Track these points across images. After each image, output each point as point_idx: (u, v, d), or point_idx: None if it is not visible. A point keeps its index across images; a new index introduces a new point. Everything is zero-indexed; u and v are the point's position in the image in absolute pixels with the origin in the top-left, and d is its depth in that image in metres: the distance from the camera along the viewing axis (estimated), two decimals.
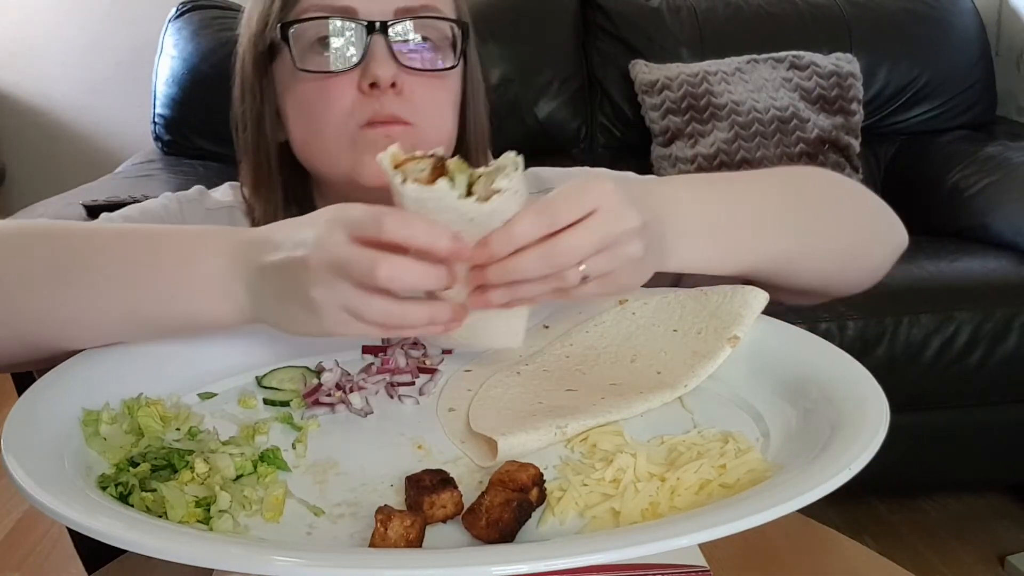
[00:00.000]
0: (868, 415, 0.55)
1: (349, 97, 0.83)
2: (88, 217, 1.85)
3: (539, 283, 0.59)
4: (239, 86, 0.91)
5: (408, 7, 0.84)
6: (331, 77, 0.83)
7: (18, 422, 0.57)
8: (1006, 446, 1.99)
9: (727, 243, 0.70)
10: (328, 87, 0.83)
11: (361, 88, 0.82)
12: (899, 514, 2.13)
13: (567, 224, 0.57)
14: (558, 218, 0.57)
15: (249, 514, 0.53)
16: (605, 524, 0.51)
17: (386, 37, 0.82)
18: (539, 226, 0.57)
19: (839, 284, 0.82)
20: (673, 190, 0.69)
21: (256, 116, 0.89)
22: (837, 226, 0.80)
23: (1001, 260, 2.00)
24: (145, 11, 2.95)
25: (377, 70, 0.81)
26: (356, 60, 0.82)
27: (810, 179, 0.82)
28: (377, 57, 0.82)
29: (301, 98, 0.85)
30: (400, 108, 0.83)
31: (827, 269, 0.80)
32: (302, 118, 0.86)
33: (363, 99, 0.82)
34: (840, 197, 0.82)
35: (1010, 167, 2.21)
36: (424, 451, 0.60)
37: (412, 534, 0.48)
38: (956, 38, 2.52)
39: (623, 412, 0.62)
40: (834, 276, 0.81)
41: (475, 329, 0.62)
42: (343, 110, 0.83)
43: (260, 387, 0.70)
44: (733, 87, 2.35)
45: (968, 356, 1.84)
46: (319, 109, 0.84)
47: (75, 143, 3.12)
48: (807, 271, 0.78)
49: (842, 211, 0.81)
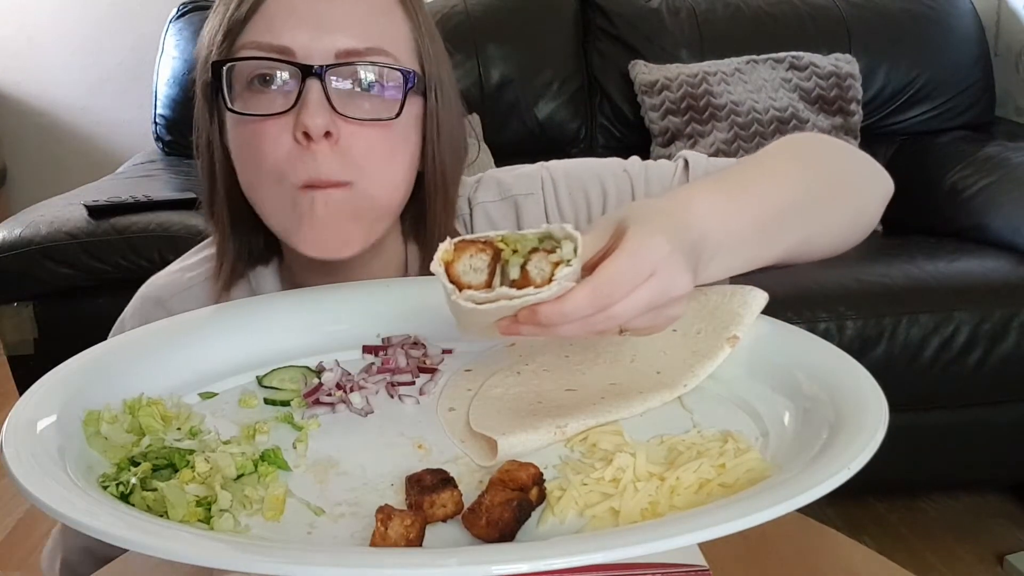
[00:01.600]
0: (867, 415, 0.55)
1: (284, 146, 0.77)
2: (89, 217, 1.85)
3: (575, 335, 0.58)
4: (196, 112, 0.87)
5: (352, 49, 0.77)
6: (264, 120, 0.77)
7: (18, 422, 0.57)
8: (1005, 446, 1.99)
9: (753, 253, 0.71)
10: (262, 131, 0.78)
11: (295, 137, 0.76)
12: (898, 513, 2.13)
13: (622, 298, 0.56)
14: (616, 294, 0.56)
15: (250, 513, 0.53)
16: (605, 523, 0.51)
17: (323, 82, 0.76)
18: (594, 306, 0.55)
19: (844, 245, 0.83)
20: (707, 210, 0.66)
21: (207, 142, 0.85)
22: (845, 195, 0.81)
23: (1000, 260, 2.00)
24: (146, 12, 2.95)
25: (307, 119, 0.75)
26: (289, 105, 0.76)
27: (813, 150, 0.82)
28: (310, 105, 0.75)
29: (238, 139, 0.81)
30: (337, 167, 0.77)
31: (838, 238, 0.81)
32: (240, 160, 0.82)
33: (299, 151, 0.77)
34: (841, 163, 0.83)
35: (1009, 167, 2.21)
36: (424, 451, 0.60)
37: (412, 533, 0.48)
38: (955, 39, 2.52)
39: (623, 412, 0.62)
40: (843, 240, 0.82)
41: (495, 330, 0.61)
42: (279, 160, 0.77)
43: (261, 387, 0.70)
44: (732, 88, 2.36)
45: (967, 356, 1.85)
46: (255, 154, 0.79)
47: (76, 143, 3.13)
48: (820, 246, 0.79)
49: (846, 178, 0.82)
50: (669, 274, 0.58)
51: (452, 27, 2.39)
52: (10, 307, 1.84)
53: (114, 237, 1.82)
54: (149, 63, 2.51)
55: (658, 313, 0.59)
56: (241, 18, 0.79)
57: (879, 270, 1.97)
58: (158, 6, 2.78)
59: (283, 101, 0.77)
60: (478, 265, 0.56)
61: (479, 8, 2.46)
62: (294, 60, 0.77)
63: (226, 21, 0.79)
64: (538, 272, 0.55)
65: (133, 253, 1.81)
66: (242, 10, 0.79)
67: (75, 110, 3.11)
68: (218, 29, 0.80)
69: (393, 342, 0.75)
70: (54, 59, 3.07)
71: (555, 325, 0.55)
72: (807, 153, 0.81)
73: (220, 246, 0.89)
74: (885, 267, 1.99)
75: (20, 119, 3.10)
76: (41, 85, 3.09)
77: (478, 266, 0.56)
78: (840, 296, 1.86)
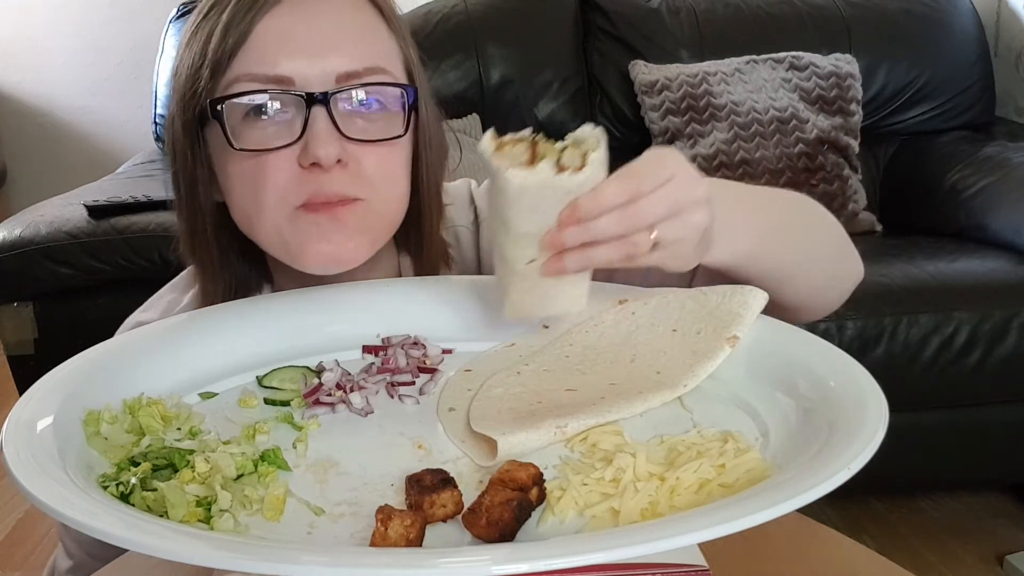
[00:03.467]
0: (867, 415, 0.55)
1: (288, 172, 0.75)
2: (89, 217, 1.85)
3: (613, 247, 0.62)
4: (171, 145, 0.83)
5: (351, 71, 0.76)
6: (268, 154, 0.75)
7: (18, 422, 0.57)
8: (1005, 446, 1.99)
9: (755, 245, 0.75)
10: (265, 164, 0.76)
11: (301, 164, 0.75)
12: (898, 513, 2.13)
13: (649, 191, 0.61)
14: (643, 185, 0.61)
15: (250, 513, 0.53)
16: (605, 523, 0.51)
17: (327, 109, 0.75)
18: (625, 192, 0.61)
19: (816, 304, 0.85)
20: (719, 187, 0.70)
21: (189, 179, 0.82)
22: (827, 250, 0.85)
23: (1000, 260, 2.00)
24: (146, 12, 2.95)
25: (318, 150, 0.73)
26: (296, 136, 0.75)
27: (807, 205, 0.85)
28: (318, 134, 0.74)
29: (237, 174, 0.78)
30: (348, 185, 0.76)
31: (814, 286, 0.84)
32: (238, 195, 0.79)
33: (303, 175, 0.75)
34: (828, 227, 0.86)
35: (1009, 167, 2.21)
36: (424, 451, 0.60)
37: (412, 533, 0.48)
38: (955, 39, 2.52)
39: (623, 412, 0.62)
40: (817, 294, 0.85)
41: (545, 297, 0.67)
42: (280, 188, 0.76)
43: (261, 387, 0.70)
44: (732, 88, 2.36)
45: (967, 356, 1.85)
46: (256, 187, 0.76)
47: (76, 143, 3.13)
48: (801, 286, 0.81)
49: (831, 239, 0.86)
50: (687, 178, 0.63)
51: (452, 27, 2.39)
52: (10, 307, 1.84)
53: (114, 237, 1.82)
54: (149, 63, 2.51)
55: (684, 220, 0.63)
56: (228, 51, 0.76)
57: (879, 270, 1.97)
58: (158, 6, 2.78)
59: (286, 132, 0.75)
60: (518, 154, 0.61)
61: (479, 8, 2.46)
62: (295, 89, 0.75)
63: (210, 55, 0.76)
64: (571, 162, 0.61)
65: (133, 253, 1.81)
66: (228, 43, 0.76)
67: (75, 110, 3.11)
68: (200, 64, 0.77)
69: (393, 342, 0.75)
70: (54, 59, 3.07)
71: (592, 218, 0.60)
72: (807, 203, 0.85)
73: (204, 286, 0.86)
74: (885, 267, 1.99)
75: (20, 119, 3.10)
76: (41, 85, 3.09)
77: (518, 155, 0.61)
78: None
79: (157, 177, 2.26)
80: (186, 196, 0.84)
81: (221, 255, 0.85)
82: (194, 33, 0.79)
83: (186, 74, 0.79)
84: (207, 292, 0.86)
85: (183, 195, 0.84)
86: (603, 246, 0.62)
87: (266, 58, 0.76)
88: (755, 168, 2.32)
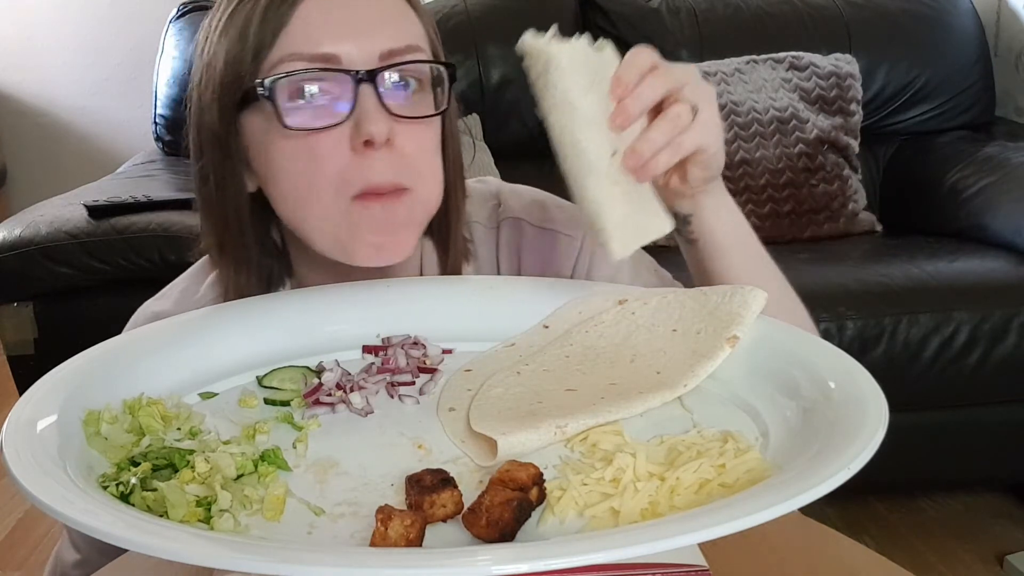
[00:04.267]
0: (867, 415, 0.55)
1: (343, 158, 0.76)
2: (89, 217, 1.85)
3: (661, 128, 0.70)
4: (196, 137, 0.83)
5: (393, 49, 0.77)
6: (318, 134, 0.76)
7: (18, 422, 0.57)
8: (1005, 446, 1.99)
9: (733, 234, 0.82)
10: (317, 146, 0.76)
11: (353, 146, 0.76)
12: (898, 513, 2.13)
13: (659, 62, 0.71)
14: (652, 56, 0.71)
15: (250, 513, 0.53)
16: (605, 523, 0.51)
17: (375, 87, 0.75)
18: (648, 57, 0.70)
19: None
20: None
21: (221, 170, 0.82)
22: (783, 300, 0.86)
23: (1000, 260, 2.00)
24: (146, 12, 2.96)
25: (371, 126, 0.74)
26: (345, 114, 0.75)
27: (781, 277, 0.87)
28: (370, 112, 0.75)
29: (285, 157, 0.78)
30: (397, 171, 0.77)
31: None
32: (285, 180, 0.79)
33: (355, 160, 0.76)
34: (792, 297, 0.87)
35: (1009, 167, 2.22)
36: (424, 451, 0.60)
37: (412, 533, 0.48)
38: (955, 39, 2.52)
39: (623, 412, 0.62)
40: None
41: (635, 227, 0.71)
42: (334, 173, 0.76)
43: (261, 387, 0.70)
44: (732, 87, 2.36)
45: (967, 356, 1.85)
46: (309, 171, 0.77)
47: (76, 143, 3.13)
48: None
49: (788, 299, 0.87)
50: (670, 66, 0.71)
51: (452, 27, 2.39)
52: (10, 307, 1.84)
53: (114, 237, 1.82)
54: (149, 63, 2.51)
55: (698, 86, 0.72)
56: (268, 34, 0.77)
57: (879, 270, 1.97)
58: (158, 6, 2.78)
59: (333, 112, 0.76)
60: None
61: (479, 8, 2.46)
62: (342, 67, 0.76)
63: (251, 39, 0.77)
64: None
65: (133, 253, 1.81)
66: (268, 27, 0.76)
67: (75, 110, 3.11)
68: (241, 50, 0.77)
69: (393, 342, 0.75)
70: (54, 59, 3.07)
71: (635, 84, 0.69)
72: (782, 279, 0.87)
73: (237, 280, 0.85)
74: (885, 267, 1.99)
75: (20, 119, 3.10)
76: (41, 85, 3.09)
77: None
78: (840, 296, 1.86)
79: (157, 177, 2.26)
80: (217, 189, 0.83)
81: (253, 247, 0.85)
82: (230, 19, 0.79)
83: (225, 60, 0.79)
84: (239, 286, 0.86)
85: (214, 188, 0.83)
86: (654, 128, 0.70)
87: (310, 38, 0.76)
88: (755, 168, 2.32)
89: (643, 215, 0.72)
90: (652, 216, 0.73)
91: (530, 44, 0.68)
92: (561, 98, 0.68)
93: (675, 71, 0.71)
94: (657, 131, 0.70)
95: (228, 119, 0.80)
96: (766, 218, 2.30)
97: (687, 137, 0.71)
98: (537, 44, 0.68)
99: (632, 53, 0.70)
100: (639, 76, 0.69)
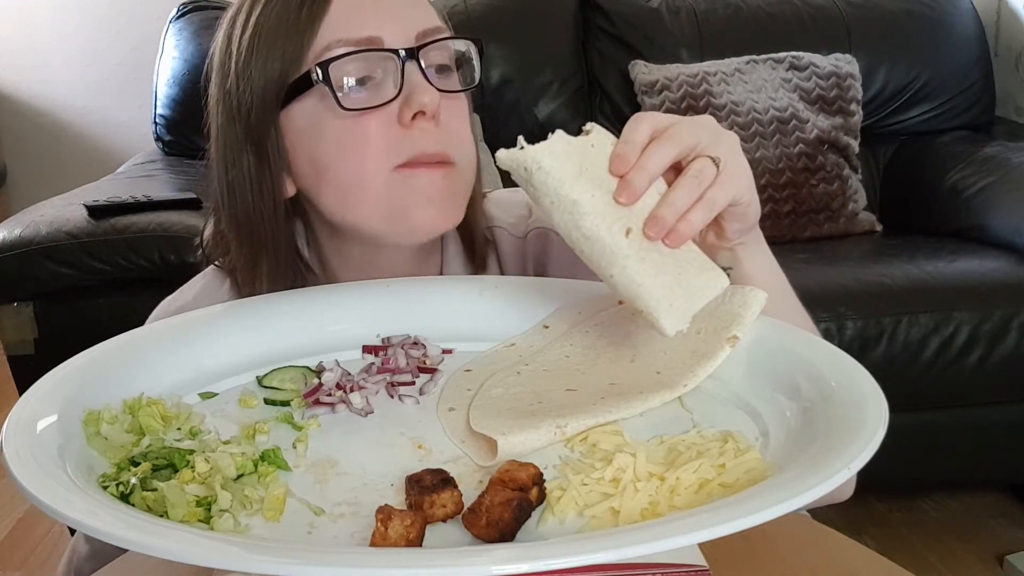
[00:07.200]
0: (867, 414, 0.55)
1: (390, 135, 0.79)
2: (89, 217, 1.85)
3: (685, 187, 0.64)
4: (223, 150, 0.83)
5: (427, 29, 0.81)
6: (370, 113, 0.78)
7: (18, 422, 0.57)
8: (1005, 446, 1.99)
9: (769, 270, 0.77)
10: (367, 124, 0.78)
11: (402, 121, 0.78)
12: (898, 514, 2.13)
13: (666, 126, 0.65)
14: (656, 123, 0.65)
15: (250, 513, 0.53)
16: (605, 523, 0.51)
17: (419, 63, 0.79)
18: (649, 125, 0.65)
19: None
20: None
21: (258, 176, 0.83)
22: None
23: (1000, 260, 2.00)
24: (146, 12, 2.95)
25: (423, 97, 0.77)
26: (395, 92, 0.78)
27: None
28: (418, 85, 0.78)
29: (336, 142, 0.80)
30: (445, 143, 0.80)
31: None
32: (338, 164, 0.80)
33: (402, 133, 0.79)
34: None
35: (1009, 167, 2.22)
36: (424, 451, 0.60)
37: (412, 533, 0.48)
38: (955, 39, 2.52)
39: (623, 412, 0.62)
40: None
41: (684, 293, 0.64)
42: (384, 148, 0.79)
43: (261, 387, 0.70)
44: (732, 88, 2.36)
45: (967, 356, 1.85)
46: (358, 151, 0.79)
47: (76, 143, 3.13)
48: None
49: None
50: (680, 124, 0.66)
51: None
52: (10, 307, 1.84)
53: (114, 237, 1.82)
54: (149, 63, 2.50)
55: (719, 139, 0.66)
56: (309, 24, 0.79)
57: (879, 270, 1.97)
58: (158, 6, 2.78)
59: (384, 91, 0.79)
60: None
61: (479, 8, 2.46)
62: (385, 47, 0.79)
63: (291, 31, 0.79)
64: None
65: (133, 253, 1.81)
66: (307, 18, 0.79)
67: (75, 110, 3.11)
68: (282, 43, 0.79)
69: (393, 342, 0.75)
70: (54, 59, 3.07)
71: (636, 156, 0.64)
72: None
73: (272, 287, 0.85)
74: (885, 267, 1.99)
75: (20, 119, 3.10)
76: (41, 85, 3.09)
77: None
78: (840, 296, 1.86)
79: (157, 177, 2.26)
80: (253, 197, 0.83)
81: (285, 257, 0.87)
82: (259, 20, 0.80)
83: (267, 57, 0.80)
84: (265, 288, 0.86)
85: (249, 198, 0.83)
86: (675, 190, 0.64)
87: (352, 23, 0.79)
88: (755, 168, 2.29)
89: (689, 276, 0.65)
90: (698, 274, 0.66)
91: (505, 157, 0.63)
92: (555, 196, 0.63)
93: (683, 132, 0.65)
94: (679, 191, 0.64)
95: (268, 120, 0.81)
96: (766, 218, 2.29)
97: (717, 192, 0.65)
98: (512, 155, 0.63)
99: (629, 127, 0.66)
100: (639, 149, 0.64)
